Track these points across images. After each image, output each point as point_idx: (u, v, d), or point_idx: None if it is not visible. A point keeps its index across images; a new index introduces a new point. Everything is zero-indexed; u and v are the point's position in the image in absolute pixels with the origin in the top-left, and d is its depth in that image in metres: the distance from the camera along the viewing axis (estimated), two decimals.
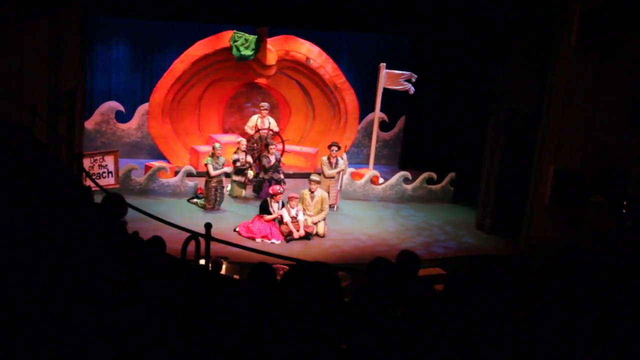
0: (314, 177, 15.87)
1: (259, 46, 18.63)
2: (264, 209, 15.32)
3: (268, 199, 15.51)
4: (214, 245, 9.42)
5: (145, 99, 19.60)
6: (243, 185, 17.39)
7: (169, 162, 18.71)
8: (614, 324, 6.38)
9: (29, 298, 5.51)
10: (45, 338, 5.14)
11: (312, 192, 15.59)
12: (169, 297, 6.00)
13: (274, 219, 15.22)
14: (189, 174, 17.40)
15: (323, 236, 15.39)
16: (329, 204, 15.93)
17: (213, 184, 16.26)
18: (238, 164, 17.11)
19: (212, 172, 16.20)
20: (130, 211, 8.98)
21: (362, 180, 18.28)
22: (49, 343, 5.11)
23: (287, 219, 15.14)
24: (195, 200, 16.81)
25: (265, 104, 18.67)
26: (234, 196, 17.35)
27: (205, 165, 16.37)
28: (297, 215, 15.20)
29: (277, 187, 15.82)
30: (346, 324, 5.85)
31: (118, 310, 5.60)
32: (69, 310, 5.46)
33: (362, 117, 20.76)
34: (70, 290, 5.72)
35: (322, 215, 15.53)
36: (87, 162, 14.37)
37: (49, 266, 6.03)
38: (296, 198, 15.38)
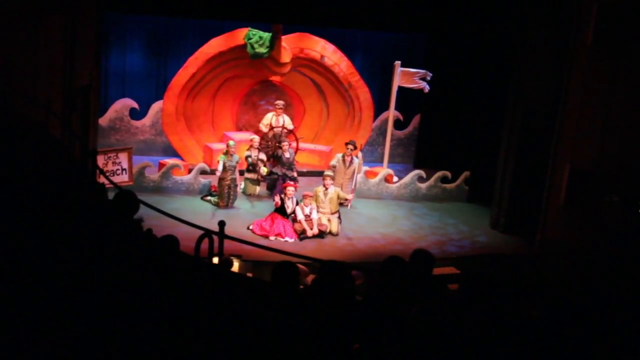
0: (328, 172, 15.93)
1: (274, 44, 18.64)
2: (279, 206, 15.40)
3: (282, 195, 15.52)
4: (228, 243, 9.44)
5: (159, 96, 19.62)
6: (257, 182, 17.41)
7: (182, 159, 18.74)
8: (629, 324, 6.36)
9: (42, 295, 5.54)
10: (56, 336, 5.17)
11: (326, 189, 15.61)
12: (182, 294, 6.02)
13: (285, 216, 15.24)
14: (203, 172, 17.42)
15: (337, 234, 15.39)
16: (340, 202, 15.92)
17: (226, 182, 16.28)
18: (249, 160, 17.14)
19: (219, 170, 16.27)
20: (144, 208, 9.01)
21: (376, 179, 18.27)
22: (60, 341, 5.14)
23: (300, 217, 15.15)
24: (208, 198, 16.83)
25: (280, 102, 18.69)
26: (247, 194, 17.38)
27: (218, 162, 16.41)
28: (310, 213, 15.21)
29: (290, 183, 15.87)
30: (359, 323, 5.86)
31: (131, 308, 5.62)
32: (81, 307, 5.48)
33: (376, 115, 20.73)
34: (83, 287, 5.74)
35: (347, 196, 15.91)
36: (101, 159, 14.41)
37: (62, 263, 6.06)
38: (310, 196, 15.38)
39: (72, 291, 5.65)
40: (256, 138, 17.56)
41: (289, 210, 15.30)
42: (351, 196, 16.69)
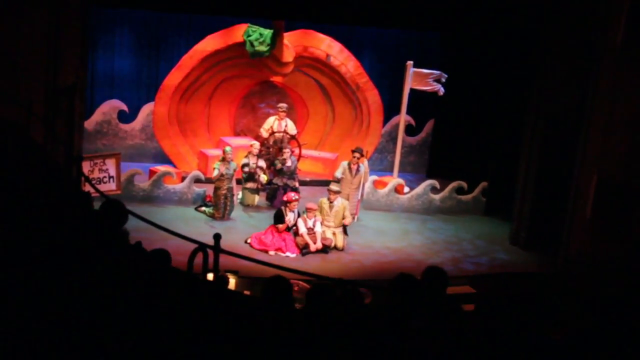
0: (333, 186, 15.85)
1: (275, 41, 18.65)
2: (279, 219, 15.31)
3: (282, 207, 15.48)
4: (224, 258, 9.41)
5: (150, 97, 19.66)
6: (256, 191, 17.39)
7: (175, 166, 18.75)
8: None
9: (23, 312, 5.52)
10: (40, 356, 5.16)
11: (331, 202, 15.57)
12: (174, 312, 6.01)
13: (287, 229, 15.21)
14: (197, 180, 17.42)
15: (342, 249, 15.37)
16: (349, 212, 15.95)
17: (223, 191, 16.26)
18: (246, 169, 17.11)
19: (213, 175, 16.26)
20: (133, 220, 8.98)
21: (386, 189, 18.25)
22: None
23: (303, 230, 15.12)
24: (203, 208, 16.83)
25: (283, 105, 18.67)
26: (245, 204, 17.37)
27: (213, 168, 16.40)
28: (314, 226, 15.18)
29: (292, 194, 15.78)
30: (366, 345, 5.83)
31: (119, 327, 5.61)
32: (65, 326, 5.47)
33: (386, 120, 20.76)
34: (67, 304, 5.73)
35: (348, 220, 15.60)
36: (86, 166, 14.40)
37: (44, 277, 6.04)
38: (314, 209, 15.32)
39: (53, 308, 5.63)
40: (256, 144, 17.53)
41: (290, 224, 15.26)
42: (357, 201, 16.74)
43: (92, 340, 5.38)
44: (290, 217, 15.31)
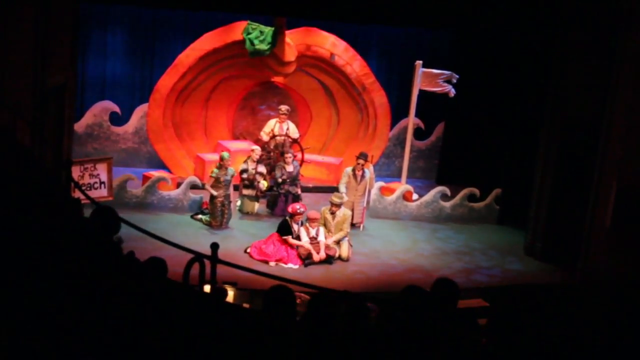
0: (335, 199, 15.73)
1: (276, 40, 18.64)
2: (285, 230, 15.28)
3: (288, 218, 15.44)
4: (221, 269, 9.42)
5: (144, 99, 19.66)
6: (255, 198, 17.36)
7: (170, 172, 18.74)
8: None
9: (11, 325, 5.52)
10: None
11: (333, 213, 15.54)
12: (168, 327, 6.01)
13: (285, 227, 15.22)
14: (194, 186, 17.40)
15: (347, 260, 15.35)
16: (351, 223, 15.91)
17: (220, 199, 16.23)
18: (245, 175, 17.08)
19: (210, 189, 16.21)
20: (125, 228, 8.99)
21: (393, 196, 18.23)
22: None
23: (305, 239, 15.08)
24: (199, 216, 16.81)
25: (284, 107, 18.63)
26: (244, 212, 17.35)
27: (210, 177, 16.36)
28: (317, 235, 15.15)
29: (298, 205, 15.69)
30: None
31: (111, 342, 5.60)
32: (55, 341, 5.47)
33: (393, 123, 20.73)
34: (57, 317, 5.72)
35: (339, 235, 15.49)
36: (76, 171, 14.41)
37: (32, 289, 6.04)
38: (317, 218, 15.27)
39: (42, 321, 5.63)
40: (257, 149, 17.45)
41: (294, 235, 15.19)
42: (362, 209, 16.78)
43: (83, 355, 5.38)
44: (296, 229, 15.25)
